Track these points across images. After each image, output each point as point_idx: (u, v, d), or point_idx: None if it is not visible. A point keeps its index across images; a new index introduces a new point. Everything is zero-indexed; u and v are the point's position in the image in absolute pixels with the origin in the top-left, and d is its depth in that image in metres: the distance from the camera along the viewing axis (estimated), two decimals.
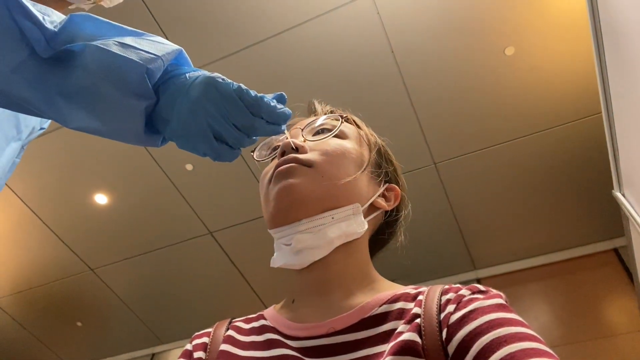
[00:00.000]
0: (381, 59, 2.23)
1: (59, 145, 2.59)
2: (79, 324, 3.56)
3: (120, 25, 0.56)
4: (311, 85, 2.31)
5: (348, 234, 0.58)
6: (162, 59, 0.53)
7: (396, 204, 0.66)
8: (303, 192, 0.57)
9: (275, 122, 0.53)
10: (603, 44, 1.60)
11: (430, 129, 2.44)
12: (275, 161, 0.61)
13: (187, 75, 0.54)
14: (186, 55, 0.58)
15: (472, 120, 2.40)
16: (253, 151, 0.69)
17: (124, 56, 0.51)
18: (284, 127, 0.55)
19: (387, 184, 0.67)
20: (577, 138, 2.40)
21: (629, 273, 2.64)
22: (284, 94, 0.55)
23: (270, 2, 2.08)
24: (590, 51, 1.69)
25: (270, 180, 0.60)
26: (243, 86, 0.51)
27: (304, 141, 0.62)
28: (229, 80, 0.52)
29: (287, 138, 0.61)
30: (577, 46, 2.12)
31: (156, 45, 0.54)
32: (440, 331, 0.47)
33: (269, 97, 0.53)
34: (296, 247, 0.57)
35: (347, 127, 0.66)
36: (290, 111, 0.54)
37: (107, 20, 0.56)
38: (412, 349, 0.46)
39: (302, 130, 0.64)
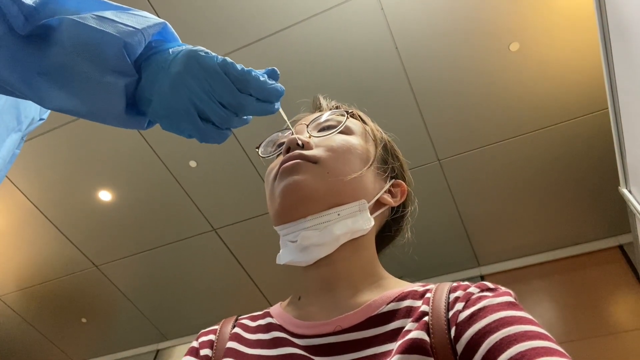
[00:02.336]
0: (385, 55, 2.22)
1: (63, 142, 2.59)
2: (83, 320, 3.58)
3: (105, 1, 0.53)
4: (314, 81, 2.30)
5: (354, 230, 0.58)
6: (142, 32, 0.49)
7: (402, 199, 0.66)
8: (308, 188, 0.56)
9: (266, 99, 0.49)
10: (610, 39, 1.58)
11: (434, 125, 2.43)
12: (281, 158, 0.61)
13: (170, 50, 0.51)
14: (172, 29, 0.54)
15: (476, 117, 2.39)
16: (258, 147, 0.68)
17: (101, 29, 0.47)
18: (277, 105, 0.51)
19: (393, 180, 0.66)
20: (582, 134, 2.38)
21: (634, 270, 2.62)
22: (276, 69, 0.51)
23: None
24: (597, 46, 1.68)
25: (275, 177, 0.59)
26: (229, 59, 0.47)
27: (309, 137, 0.61)
28: (214, 54, 0.48)
29: (292, 134, 0.60)
30: (583, 41, 2.10)
31: (137, 19, 0.50)
32: (449, 329, 0.46)
33: (259, 72, 0.49)
34: (302, 244, 0.57)
35: (352, 123, 0.65)
36: (282, 87, 0.50)
37: None
38: (420, 347, 0.45)
39: (308, 126, 0.64)
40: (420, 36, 2.16)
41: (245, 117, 0.51)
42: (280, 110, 0.53)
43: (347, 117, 0.64)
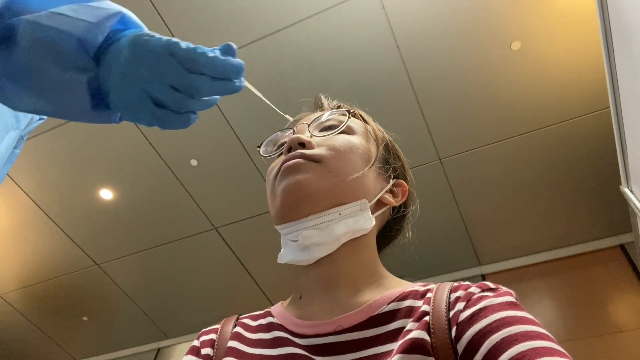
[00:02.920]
0: (386, 54, 2.22)
1: (64, 141, 2.59)
2: (84, 318, 3.59)
3: None
4: (315, 80, 2.30)
5: (355, 230, 0.58)
6: (97, 26, 0.48)
7: (403, 199, 0.66)
8: (310, 188, 0.56)
9: (222, 76, 0.46)
10: (611, 38, 1.58)
11: (435, 124, 2.43)
12: (282, 157, 0.61)
13: (121, 41, 0.48)
14: (132, 17, 0.51)
15: (477, 116, 2.39)
16: (259, 146, 0.68)
17: (55, 27, 0.47)
18: (240, 82, 0.47)
19: (394, 180, 0.66)
20: (584, 133, 2.38)
21: (636, 269, 2.62)
22: (231, 44, 0.47)
23: None
24: (599, 45, 1.67)
25: (276, 176, 0.59)
26: (174, 39, 0.45)
27: (311, 137, 0.62)
28: (159, 36, 0.46)
29: (294, 133, 0.60)
30: (584, 40, 2.09)
31: (94, 11, 0.49)
32: (450, 329, 0.46)
33: (208, 49, 0.45)
34: (303, 243, 0.57)
35: (354, 123, 0.65)
36: (240, 62, 0.46)
37: None
38: (421, 347, 0.45)
39: (309, 125, 0.64)
40: (421, 35, 2.16)
41: (207, 99, 0.48)
42: (247, 85, 0.49)
43: (349, 117, 0.64)
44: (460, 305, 0.48)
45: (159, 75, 0.44)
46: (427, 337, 0.46)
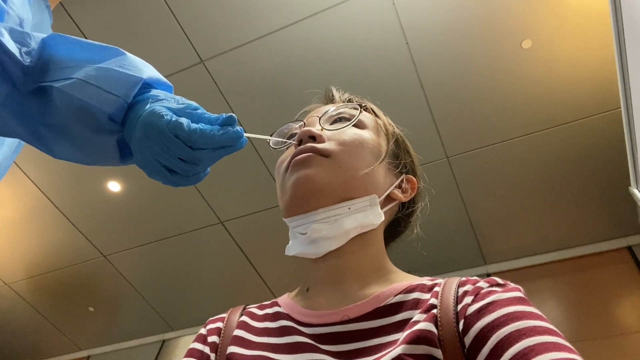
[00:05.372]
0: (396, 50, 2.21)
1: None
2: (91, 309, 3.62)
3: (90, 43, 0.57)
4: (324, 75, 2.30)
5: (364, 225, 0.58)
6: (124, 99, 0.53)
7: (412, 195, 0.66)
8: (320, 182, 0.56)
9: (223, 146, 0.51)
10: (624, 37, 1.56)
11: (443, 122, 2.42)
12: (292, 149, 0.61)
13: (139, 108, 0.54)
14: (153, 77, 0.56)
15: (486, 114, 2.37)
16: (269, 139, 0.68)
17: (85, 101, 0.52)
18: (240, 143, 0.52)
19: (404, 175, 0.66)
20: (594, 133, 2.36)
21: None
22: (233, 115, 0.52)
23: None
24: (611, 44, 1.66)
25: (287, 169, 0.60)
26: (179, 121, 0.50)
27: (322, 130, 0.61)
28: (167, 116, 0.50)
29: (304, 126, 0.60)
30: (596, 39, 2.07)
31: (119, 79, 0.54)
32: (457, 322, 0.47)
33: (207, 127, 0.50)
34: (312, 236, 0.57)
35: (365, 117, 0.65)
36: (238, 130, 0.51)
37: (78, 38, 0.57)
38: (427, 339, 0.46)
39: (320, 118, 0.64)
40: (431, 32, 2.15)
41: (212, 159, 0.53)
42: (250, 135, 0.55)
43: (360, 111, 0.64)
44: (468, 299, 0.48)
45: (167, 150, 0.50)
46: (434, 330, 0.46)
